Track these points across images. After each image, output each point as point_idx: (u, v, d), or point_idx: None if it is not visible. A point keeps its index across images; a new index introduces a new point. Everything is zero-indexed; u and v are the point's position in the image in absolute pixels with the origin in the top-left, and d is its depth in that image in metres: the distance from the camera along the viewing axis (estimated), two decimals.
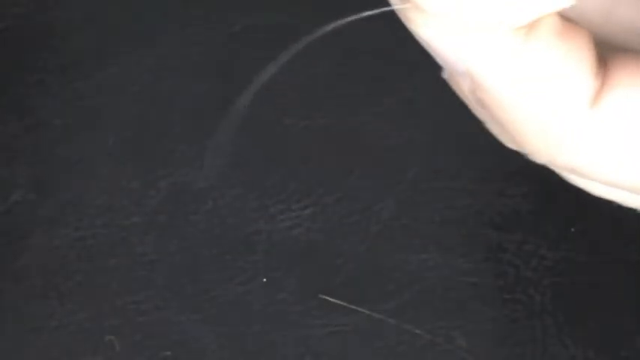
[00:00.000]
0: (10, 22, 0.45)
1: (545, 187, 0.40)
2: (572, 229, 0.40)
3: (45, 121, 0.43)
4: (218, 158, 0.42)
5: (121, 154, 0.42)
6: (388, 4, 0.24)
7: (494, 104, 0.21)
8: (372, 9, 0.23)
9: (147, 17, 0.44)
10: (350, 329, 0.39)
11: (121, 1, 0.45)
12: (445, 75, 0.24)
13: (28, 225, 0.41)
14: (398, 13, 0.22)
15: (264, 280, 0.40)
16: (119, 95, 0.43)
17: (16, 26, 0.45)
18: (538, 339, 0.38)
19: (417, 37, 0.22)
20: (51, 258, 0.40)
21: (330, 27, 0.24)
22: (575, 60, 0.21)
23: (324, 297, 0.39)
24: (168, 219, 0.41)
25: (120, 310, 0.40)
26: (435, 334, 0.39)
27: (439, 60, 0.22)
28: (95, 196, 0.42)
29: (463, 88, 0.23)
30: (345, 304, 0.39)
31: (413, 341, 0.39)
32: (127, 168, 0.42)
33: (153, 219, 0.41)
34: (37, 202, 0.42)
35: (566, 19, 0.21)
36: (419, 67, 0.30)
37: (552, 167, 0.23)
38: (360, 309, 0.39)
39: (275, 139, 0.42)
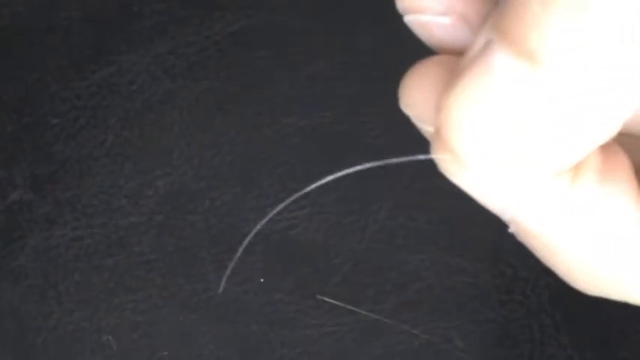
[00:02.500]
0: (9, 21, 0.45)
1: None
2: None
3: (43, 121, 0.43)
4: (215, 158, 0.42)
5: (119, 153, 0.42)
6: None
7: (541, 249, 0.21)
8: (400, 156, 0.23)
9: (146, 17, 0.44)
10: (347, 329, 0.39)
11: (120, 0, 0.45)
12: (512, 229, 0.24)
13: (25, 224, 0.41)
14: (436, 162, 0.21)
15: (262, 280, 0.40)
16: (117, 95, 0.43)
17: (15, 25, 0.45)
18: (535, 339, 0.38)
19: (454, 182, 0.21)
20: (49, 257, 0.40)
21: (351, 170, 0.24)
22: (621, 197, 0.21)
23: (322, 297, 0.39)
24: (165, 219, 0.41)
25: (117, 309, 0.40)
26: (433, 334, 0.39)
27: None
28: (93, 195, 0.41)
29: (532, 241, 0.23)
30: (342, 304, 0.39)
31: (410, 341, 0.39)
32: (125, 167, 0.42)
33: (151, 218, 0.41)
34: (35, 202, 0.41)
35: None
36: None
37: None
38: (357, 309, 0.39)
39: (273, 138, 0.42)
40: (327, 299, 0.39)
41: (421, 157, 0.22)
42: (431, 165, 0.22)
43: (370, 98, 0.42)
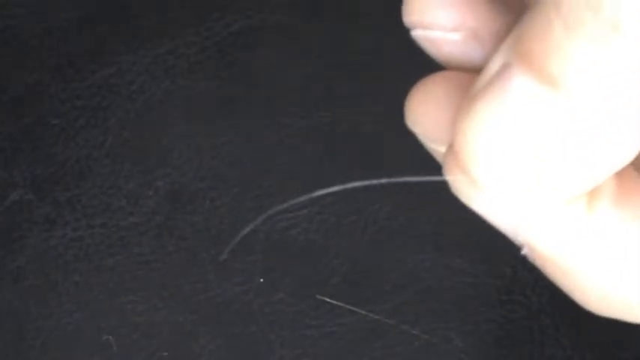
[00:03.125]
0: (8, 22, 0.45)
1: None
2: None
3: (43, 121, 0.43)
4: (215, 158, 0.42)
5: (118, 154, 0.42)
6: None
7: (555, 272, 0.21)
8: (412, 175, 0.23)
9: (145, 17, 0.44)
10: (347, 330, 0.39)
11: (120, 1, 0.45)
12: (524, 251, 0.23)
13: (25, 225, 0.41)
14: (450, 183, 0.21)
15: (262, 280, 0.40)
16: (117, 95, 0.43)
17: (14, 26, 0.45)
18: (535, 340, 0.38)
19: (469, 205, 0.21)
20: (49, 258, 0.40)
21: (351, 185, 0.24)
22: (637, 221, 0.20)
23: (321, 297, 0.39)
24: (165, 219, 0.41)
25: (117, 309, 0.40)
26: (432, 335, 0.39)
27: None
28: (93, 196, 0.41)
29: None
30: (342, 304, 0.39)
31: (410, 341, 0.39)
32: (125, 168, 0.42)
33: (150, 219, 0.41)
34: (34, 202, 0.41)
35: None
36: (419, 67, 0.30)
37: None
38: (357, 309, 0.39)
39: (273, 138, 0.42)
40: (327, 299, 0.39)
41: (434, 178, 0.22)
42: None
43: (370, 98, 0.42)
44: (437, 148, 0.22)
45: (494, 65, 0.19)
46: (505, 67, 0.19)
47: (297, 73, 0.43)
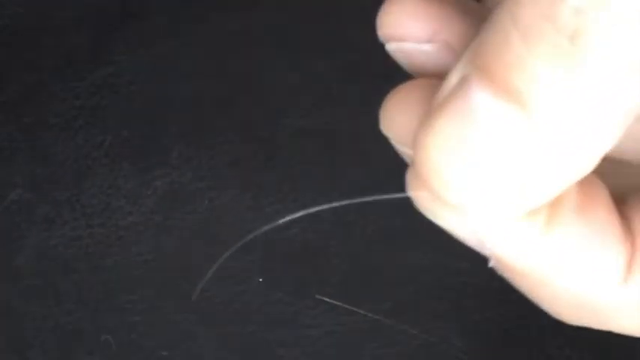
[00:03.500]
0: (8, 21, 0.45)
1: None
2: None
3: (42, 121, 0.43)
4: (215, 158, 0.42)
5: (117, 153, 0.42)
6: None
7: (523, 284, 0.21)
8: (384, 193, 0.23)
9: (144, 17, 0.44)
10: (346, 329, 0.39)
11: (120, 0, 0.45)
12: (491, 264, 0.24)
13: (24, 224, 0.41)
14: (413, 200, 0.21)
15: (260, 280, 0.40)
16: (116, 95, 0.43)
17: (14, 25, 0.45)
18: (534, 340, 0.38)
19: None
20: (48, 257, 0.40)
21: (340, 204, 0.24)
22: (600, 235, 0.20)
23: (321, 297, 0.39)
24: (164, 219, 0.41)
25: (116, 309, 0.40)
26: (431, 335, 0.39)
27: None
28: (92, 195, 0.41)
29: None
30: (341, 304, 0.39)
31: (409, 341, 0.39)
32: (124, 167, 0.42)
33: (149, 218, 0.41)
34: (33, 202, 0.41)
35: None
36: None
37: None
38: (356, 309, 0.39)
39: (272, 138, 0.42)
40: (327, 299, 0.39)
41: (397, 195, 0.21)
42: None
43: (370, 98, 0.42)
44: (407, 151, 0.22)
45: (453, 78, 0.19)
46: (464, 81, 0.19)
47: (297, 73, 0.43)
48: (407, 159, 0.23)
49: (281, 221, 0.24)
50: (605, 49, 0.17)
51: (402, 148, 0.23)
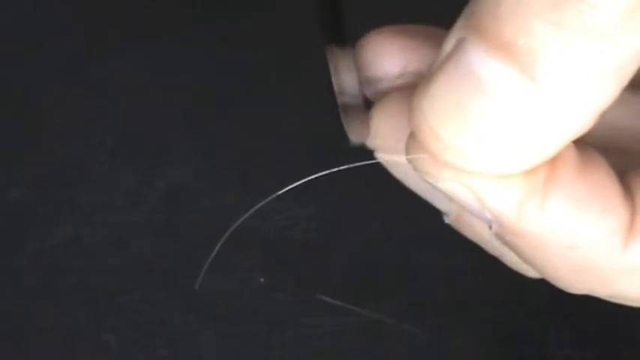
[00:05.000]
0: (8, 21, 0.45)
1: None
2: None
3: (43, 120, 0.43)
4: (215, 158, 0.42)
5: (118, 152, 0.42)
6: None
7: (524, 249, 0.21)
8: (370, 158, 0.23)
9: (145, 17, 0.44)
10: (348, 329, 0.39)
11: (120, 1, 0.45)
12: (448, 220, 0.24)
13: (25, 223, 0.41)
14: (412, 163, 0.21)
15: (262, 279, 0.40)
16: (117, 94, 0.43)
17: (14, 25, 0.45)
18: (536, 339, 0.38)
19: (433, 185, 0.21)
20: (48, 257, 0.40)
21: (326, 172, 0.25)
22: (600, 197, 0.20)
23: (322, 297, 0.39)
24: (165, 218, 0.41)
25: (117, 309, 0.39)
26: (433, 334, 0.39)
27: (457, 204, 0.22)
28: (92, 194, 0.41)
29: (477, 230, 0.23)
30: (342, 303, 0.39)
31: (411, 341, 0.39)
32: (125, 167, 0.42)
33: (150, 218, 0.41)
34: (34, 201, 0.41)
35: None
36: None
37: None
38: (357, 309, 0.39)
39: (273, 138, 0.42)
40: (328, 299, 0.39)
41: (396, 158, 0.22)
42: None
43: None
44: (392, 158, 0.24)
45: (448, 45, 0.20)
46: (459, 43, 0.19)
47: (297, 73, 0.43)
48: (387, 165, 0.24)
49: (273, 196, 0.24)
50: None
51: (386, 154, 0.24)
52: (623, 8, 0.18)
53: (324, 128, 0.40)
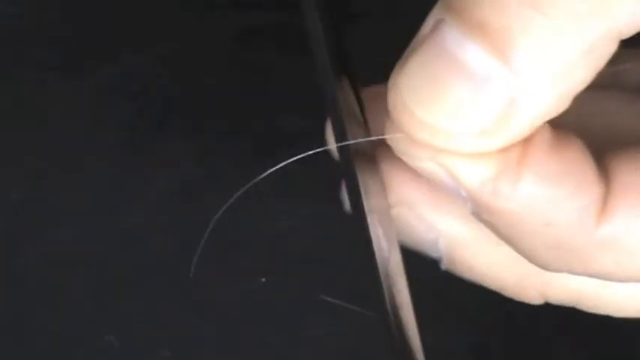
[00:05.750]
0: (9, 21, 0.45)
1: None
2: None
3: (43, 120, 0.43)
4: (216, 158, 0.42)
5: (120, 153, 0.42)
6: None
7: (501, 228, 0.22)
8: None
9: (146, 16, 0.44)
10: (350, 330, 0.39)
11: (120, 0, 0.45)
12: (444, 266, 0.25)
13: (25, 223, 0.41)
14: (389, 143, 0.22)
15: (264, 280, 0.40)
16: (118, 94, 0.43)
17: (15, 25, 0.45)
18: (538, 339, 0.38)
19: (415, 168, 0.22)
20: (49, 258, 0.40)
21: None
22: (574, 174, 0.21)
23: (323, 297, 0.39)
24: (167, 218, 0.41)
25: (119, 309, 0.40)
26: (434, 335, 0.39)
27: (439, 187, 0.22)
28: (94, 195, 0.42)
29: (473, 270, 0.26)
30: (345, 304, 0.39)
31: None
32: (127, 167, 0.42)
33: (152, 218, 0.41)
34: (35, 201, 0.42)
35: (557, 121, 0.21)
36: None
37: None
38: (358, 309, 0.39)
39: (274, 138, 0.42)
40: (330, 299, 0.39)
41: (373, 138, 0.23)
42: None
43: None
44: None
45: (427, 26, 0.20)
46: (436, 24, 0.20)
47: (298, 73, 0.43)
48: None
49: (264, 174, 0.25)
50: None
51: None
52: None
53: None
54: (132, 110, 0.43)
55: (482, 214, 0.21)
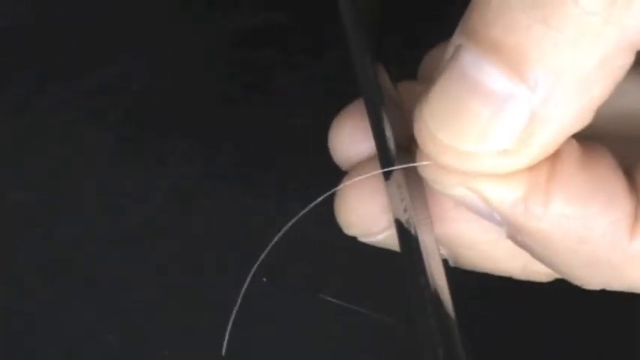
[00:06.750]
0: (9, 21, 0.45)
1: None
2: None
3: (44, 120, 0.43)
4: (216, 158, 0.42)
5: (120, 153, 0.42)
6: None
7: (536, 249, 0.22)
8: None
9: (146, 16, 0.44)
10: (350, 329, 0.39)
11: (120, 1, 0.45)
12: (452, 263, 0.25)
13: (27, 224, 0.41)
14: (421, 173, 0.22)
15: (264, 279, 0.40)
16: (119, 94, 0.43)
17: (16, 25, 0.45)
18: (539, 339, 0.38)
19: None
20: (50, 257, 0.40)
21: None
22: (605, 188, 0.21)
23: (323, 297, 0.39)
24: (166, 219, 0.41)
25: (119, 309, 0.40)
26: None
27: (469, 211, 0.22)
28: (95, 195, 0.42)
29: (478, 263, 0.26)
30: (345, 304, 0.39)
31: (411, 341, 0.39)
32: (127, 167, 0.42)
33: (151, 219, 0.41)
34: (36, 202, 0.41)
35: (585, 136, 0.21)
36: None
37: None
38: (358, 309, 0.39)
39: (274, 138, 0.42)
40: (330, 299, 0.39)
41: (402, 166, 0.22)
42: None
43: None
44: (376, 239, 0.26)
45: (448, 53, 0.20)
46: (456, 50, 0.20)
47: (298, 73, 0.43)
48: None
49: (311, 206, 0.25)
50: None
51: (367, 238, 0.27)
52: (603, 0, 0.18)
53: (327, 129, 0.40)
54: (131, 110, 0.43)
55: (517, 236, 0.21)
